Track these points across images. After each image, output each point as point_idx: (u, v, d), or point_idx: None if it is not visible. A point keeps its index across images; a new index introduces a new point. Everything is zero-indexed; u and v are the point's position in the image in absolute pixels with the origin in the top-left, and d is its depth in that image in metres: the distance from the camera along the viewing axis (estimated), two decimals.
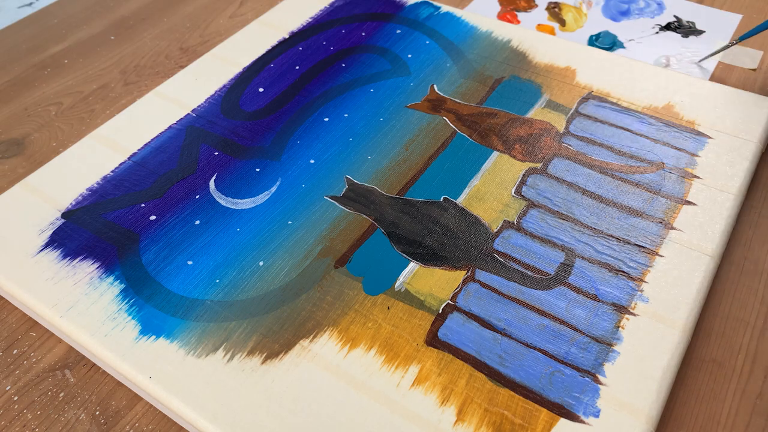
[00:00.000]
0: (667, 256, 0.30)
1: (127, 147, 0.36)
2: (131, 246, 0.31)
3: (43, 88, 0.43)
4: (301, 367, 0.26)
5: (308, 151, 0.35)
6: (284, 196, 0.33)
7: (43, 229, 0.32)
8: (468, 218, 0.32)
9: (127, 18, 0.48)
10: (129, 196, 0.33)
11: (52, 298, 0.29)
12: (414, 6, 0.45)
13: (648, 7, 0.47)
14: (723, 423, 0.26)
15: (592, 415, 0.25)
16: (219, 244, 0.31)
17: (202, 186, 0.34)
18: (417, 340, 0.27)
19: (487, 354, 0.27)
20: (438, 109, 0.37)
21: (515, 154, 0.35)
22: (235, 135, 0.36)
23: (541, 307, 0.28)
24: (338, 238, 0.31)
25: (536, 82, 0.39)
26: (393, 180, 0.34)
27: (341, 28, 0.43)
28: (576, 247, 0.30)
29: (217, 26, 0.47)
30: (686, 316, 0.27)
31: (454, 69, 0.40)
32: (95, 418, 0.27)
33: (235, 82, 0.40)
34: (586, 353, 0.27)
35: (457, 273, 0.29)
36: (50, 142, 0.39)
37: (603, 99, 0.37)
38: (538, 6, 0.48)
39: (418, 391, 0.26)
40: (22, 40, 0.46)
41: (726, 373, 0.28)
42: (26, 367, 0.28)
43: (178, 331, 0.28)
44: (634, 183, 0.33)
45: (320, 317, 0.28)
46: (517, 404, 0.25)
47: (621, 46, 0.44)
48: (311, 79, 0.40)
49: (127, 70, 0.44)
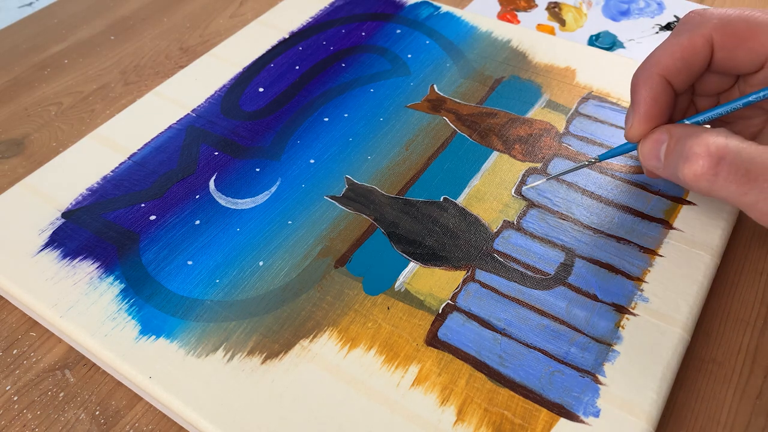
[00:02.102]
0: (667, 256, 0.30)
1: (127, 147, 0.36)
2: (131, 246, 0.31)
3: (43, 88, 0.43)
4: (301, 367, 0.26)
5: (308, 151, 0.35)
6: (284, 196, 0.33)
7: (43, 229, 0.32)
8: (468, 218, 0.32)
9: (127, 18, 0.48)
10: (129, 196, 0.33)
11: (52, 298, 0.29)
12: (414, 6, 0.45)
13: (648, 7, 0.47)
14: (723, 423, 0.26)
15: (592, 415, 0.25)
16: (219, 244, 0.31)
17: (202, 186, 0.34)
18: (417, 340, 0.27)
19: (487, 354, 0.27)
20: (438, 109, 0.37)
21: (515, 154, 0.35)
22: (235, 135, 0.36)
23: (541, 307, 0.28)
24: (338, 238, 0.31)
25: (536, 82, 0.39)
26: (393, 180, 0.34)
27: (341, 28, 0.43)
28: (576, 247, 0.30)
29: (217, 26, 0.47)
30: (686, 316, 0.27)
31: (454, 69, 0.40)
32: (95, 418, 0.27)
33: (235, 82, 0.40)
34: (586, 353, 0.27)
35: (457, 273, 0.29)
36: (50, 142, 0.39)
37: (603, 99, 0.37)
38: (538, 6, 0.48)
39: (418, 391, 0.26)
40: (22, 40, 0.46)
41: (726, 373, 0.28)
42: (26, 367, 0.29)
43: (178, 331, 0.28)
44: (634, 183, 0.33)
45: (320, 317, 0.28)
46: (517, 404, 0.25)
47: (621, 46, 0.44)
48: (311, 79, 0.40)
49: (127, 70, 0.44)
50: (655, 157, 0.27)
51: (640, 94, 0.28)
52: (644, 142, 0.28)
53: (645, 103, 0.28)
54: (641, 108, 0.28)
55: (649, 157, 0.27)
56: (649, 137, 0.27)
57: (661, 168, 0.27)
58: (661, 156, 0.27)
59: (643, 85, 0.28)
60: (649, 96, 0.27)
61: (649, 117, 0.28)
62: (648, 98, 0.27)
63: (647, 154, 0.27)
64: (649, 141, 0.27)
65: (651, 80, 0.28)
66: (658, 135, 0.27)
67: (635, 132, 0.28)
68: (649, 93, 0.27)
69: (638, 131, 0.28)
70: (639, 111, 0.28)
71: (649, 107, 0.27)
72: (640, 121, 0.28)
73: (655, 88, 0.27)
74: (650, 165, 0.27)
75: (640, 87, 0.28)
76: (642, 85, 0.28)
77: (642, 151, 0.28)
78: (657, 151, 0.27)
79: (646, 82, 0.28)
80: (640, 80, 0.28)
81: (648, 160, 0.27)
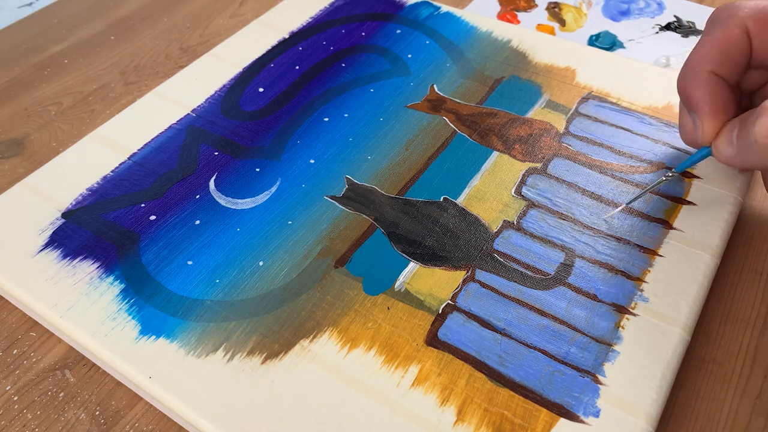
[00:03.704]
0: (667, 256, 0.30)
1: (127, 147, 0.36)
2: (131, 246, 0.31)
3: (43, 88, 0.43)
4: (301, 367, 0.26)
5: (308, 151, 0.35)
6: (284, 196, 0.33)
7: (43, 229, 0.32)
8: (468, 218, 0.32)
9: (127, 18, 0.48)
10: (129, 196, 0.33)
11: (52, 298, 0.29)
12: (414, 6, 0.45)
13: (648, 7, 0.47)
14: (723, 423, 0.26)
15: (592, 415, 0.25)
16: (219, 244, 0.31)
17: (202, 186, 0.34)
18: (417, 340, 0.27)
19: (487, 354, 0.27)
20: (438, 109, 0.37)
21: (515, 154, 0.35)
22: (235, 135, 0.36)
23: (541, 307, 0.28)
24: (338, 238, 0.31)
25: (536, 82, 0.39)
26: (393, 180, 0.34)
27: (341, 28, 0.43)
28: (576, 247, 0.30)
29: (217, 26, 0.47)
30: (686, 316, 0.27)
31: (454, 69, 0.40)
32: (95, 418, 0.27)
33: (235, 82, 0.40)
34: (586, 353, 0.27)
35: (457, 273, 0.29)
36: (50, 142, 0.39)
37: (603, 99, 0.37)
38: (538, 6, 0.48)
39: (418, 391, 0.26)
40: (22, 40, 0.46)
41: (726, 373, 0.28)
42: (26, 367, 0.29)
43: (178, 331, 0.28)
44: (634, 183, 0.33)
45: (320, 317, 0.28)
46: (517, 404, 0.25)
47: (621, 46, 0.44)
48: (311, 79, 0.40)
49: (127, 70, 0.44)
50: (729, 143, 0.26)
51: (696, 96, 0.26)
52: (718, 139, 0.26)
53: (705, 101, 0.26)
54: (705, 108, 0.26)
55: (723, 148, 0.26)
56: (722, 132, 0.26)
57: (733, 152, 0.26)
58: (733, 140, 0.26)
59: (695, 86, 0.27)
60: (707, 93, 0.26)
61: (715, 113, 0.26)
62: (706, 96, 0.26)
63: (721, 147, 0.26)
64: (723, 135, 0.26)
65: (701, 78, 0.26)
66: (729, 126, 0.26)
67: (707, 132, 0.27)
68: (706, 91, 0.26)
69: (710, 131, 0.27)
70: (704, 111, 0.26)
71: (713, 104, 0.26)
72: (709, 120, 0.27)
73: (709, 84, 0.26)
74: (726, 154, 0.26)
75: (692, 90, 0.27)
76: (693, 87, 0.27)
77: (717, 147, 0.27)
78: (730, 138, 0.26)
79: (696, 82, 0.27)
80: (689, 83, 0.27)
81: (722, 149, 0.26)
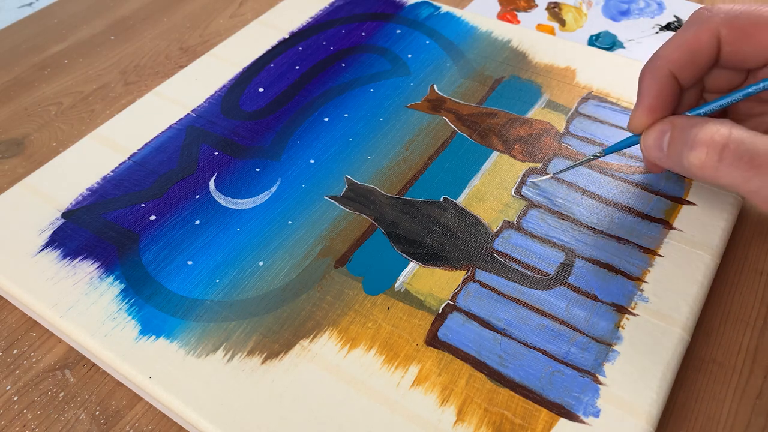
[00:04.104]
0: (667, 256, 0.30)
1: (127, 147, 0.36)
2: (131, 246, 0.31)
3: (43, 88, 0.43)
4: (301, 367, 0.26)
5: (308, 151, 0.35)
6: (284, 196, 0.33)
7: (43, 229, 0.32)
8: (468, 218, 0.32)
9: (127, 18, 0.48)
10: (129, 196, 0.33)
11: (52, 298, 0.29)
12: (414, 6, 0.45)
13: (648, 7, 0.47)
14: (723, 423, 0.26)
15: (592, 415, 0.25)
16: (219, 244, 0.31)
17: (202, 186, 0.34)
18: (417, 340, 0.27)
19: (487, 354, 0.27)
20: (438, 109, 0.37)
21: (515, 154, 0.35)
22: (235, 135, 0.36)
23: (541, 307, 0.28)
24: (338, 238, 0.31)
25: (536, 82, 0.39)
26: (393, 180, 0.34)
27: (341, 28, 0.43)
28: (576, 247, 0.30)
29: (217, 26, 0.47)
30: (686, 316, 0.27)
31: (454, 69, 0.40)
32: (95, 418, 0.27)
33: (235, 82, 0.40)
34: (586, 353, 0.27)
35: (457, 273, 0.29)
36: (50, 142, 0.39)
37: (603, 99, 0.37)
38: (538, 6, 0.48)
39: (418, 391, 0.26)
40: (22, 40, 0.46)
41: (726, 373, 0.28)
42: (26, 367, 0.29)
43: (178, 331, 0.28)
44: (634, 183, 0.33)
45: (320, 317, 0.28)
46: (517, 404, 0.25)
47: (621, 46, 0.44)
48: (311, 79, 0.40)
49: (127, 70, 0.44)
50: (658, 148, 0.27)
51: (645, 86, 0.28)
52: (647, 133, 0.28)
53: (649, 95, 0.28)
54: (645, 100, 0.28)
55: (651, 148, 0.28)
56: (653, 128, 0.28)
57: (664, 158, 0.27)
58: (664, 146, 0.27)
59: (649, 77, 0.28)
60: (654, 88, 0.28)
61: (652, 108, 0.28)
62: (652, 90, 0.28)
63: (650, 145, 0.28)
64: (652, 132, 0.28)
65: (656, 72, 0.28)
66: (661, 126, 0.27)
67: (638, 122, 0.28)
68: (654, 85, 0.28)
69: (641, 122, 0.28)
70: (643, 102, 0.28)
71: (653, 99, 0.28)
72: (643, 112, 0.28)
73: (660, 80, 0.28)
74: (653, 156, 0.28)
75: (645, 79, 0.28)
76: (647, 78, 0.28)
77: (645, 142, 0.28)
78: (660, 141, 0.27)
79: (652, 74, 0.28)
80: (646, 73, 0.28)
81: (651, 150, 0.28)
